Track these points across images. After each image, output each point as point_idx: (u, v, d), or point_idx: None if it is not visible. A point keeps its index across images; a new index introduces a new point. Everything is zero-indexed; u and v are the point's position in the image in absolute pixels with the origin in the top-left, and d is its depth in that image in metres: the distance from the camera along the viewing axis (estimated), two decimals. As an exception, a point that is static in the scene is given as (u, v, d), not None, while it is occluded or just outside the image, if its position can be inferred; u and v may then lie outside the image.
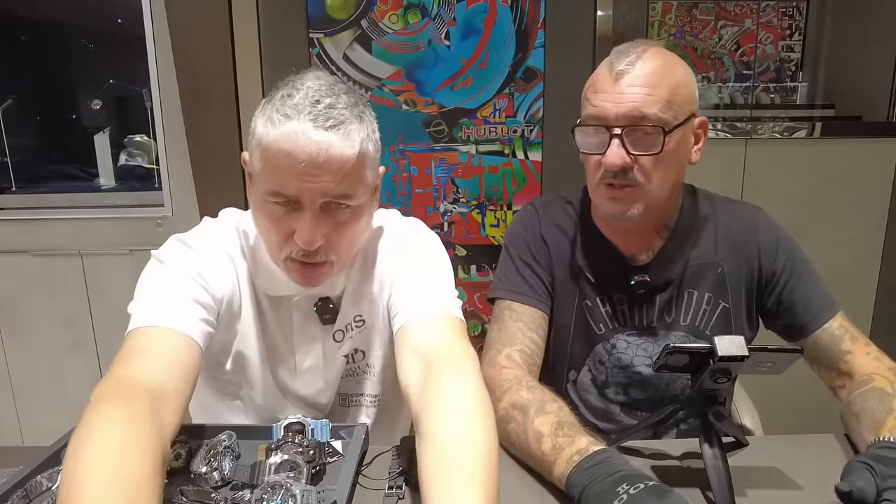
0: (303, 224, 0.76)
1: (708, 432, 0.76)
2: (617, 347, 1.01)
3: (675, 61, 0.90)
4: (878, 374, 0.86)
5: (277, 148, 0.74)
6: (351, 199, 0.78)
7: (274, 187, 0.76)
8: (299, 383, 0.94)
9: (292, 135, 0.73)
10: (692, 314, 1.00)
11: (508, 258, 1.04)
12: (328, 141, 0.73)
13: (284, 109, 0.74)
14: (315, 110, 0.73)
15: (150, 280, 0.80)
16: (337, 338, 0.93)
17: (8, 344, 2.21)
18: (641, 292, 0.98)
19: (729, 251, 1.00)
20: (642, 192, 0.90)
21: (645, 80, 0.85)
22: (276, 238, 0.80)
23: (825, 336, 0.94)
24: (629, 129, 0.86)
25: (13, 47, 2.35)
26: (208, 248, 0.86)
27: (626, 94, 0.86)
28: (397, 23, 1.92)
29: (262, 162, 0.77)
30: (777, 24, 2.28)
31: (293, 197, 0.76)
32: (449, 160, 2.01)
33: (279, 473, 0.71)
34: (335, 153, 0.74)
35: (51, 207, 2.17)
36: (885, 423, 0.75)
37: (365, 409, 0.99)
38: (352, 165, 0.76)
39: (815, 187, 2.02)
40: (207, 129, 1.94)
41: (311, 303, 0.91)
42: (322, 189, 0.75)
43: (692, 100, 0.90)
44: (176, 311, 0.75)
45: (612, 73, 0.87)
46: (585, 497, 0.66)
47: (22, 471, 0.74)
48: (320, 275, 0.83)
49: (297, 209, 0.77)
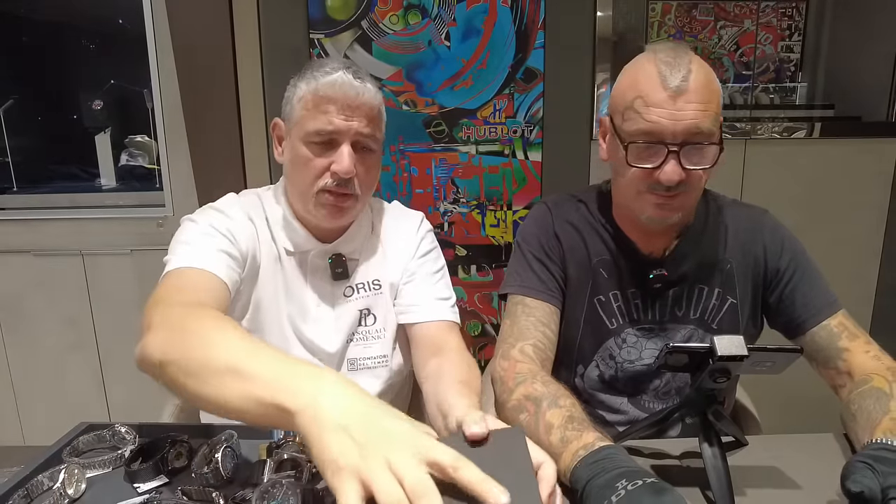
0: (342, 156, 0.92)
1: (707, 432, 0.76)
2: (627, 342, 1.03)
3: (711, 69, 0.90)
4: (877, 374, 0.86)
5: (324, 92, 0.91)
6: (375, 142, 0.96)
7: (318, 126, 0.92)
8: (310, 327, 1.01)
9: (337, 80, 0.91)
10: (701, 309, 1.02)
11: (521, 255, 1.06)
12: (363, 87, 0.92)
13: (325, 69, 0.92)
14: (350, 68, 0.93)
15: (184, 235, 0.93)
16: (347, 293, 1.03)
17: (9, 343, 2.21)
18: (657, 286, 1.00)
19: (737, 249, 1.02)
20: (686, 199, 0.93)
21: (700, 97, 0.86)
22: (312, 173, 0.94)
23: (823, 333, 0.95)
24: (685, 145, 0.87)
25: (14, 47, 2.35)
26: (233, 210, 0.98)
27: (684, 111, 0.85)
28: (397, 23, 1.92)
29: (307, 109, 0.93)
30: (776, 24, 2.28)
31: (332, 133, 0.92)
32: (449, 160, 2.01)
33: (280, 472, 0.72)
34: (367, 97, 0.93)
35: (52, 207, 2.18)
36: (881, 423, 0.75)
37: (372, 371, 1.05)
38: (376, 112, 0.95)
39: (814, 187, 2.03)
40: (208, 129, 1.95)
41: (325, 257, 1.01)
42: (356, 128, 0.92)
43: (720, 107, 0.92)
44: (208, 256, 0.88)
45: (666, 89, 0.86)
46: (587, 491, 0.67)
47: (23, 470, 0.75)
48: (346, 209, 0.97)
49: (333, 147, 0.93)
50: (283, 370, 0.56)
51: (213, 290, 0.85)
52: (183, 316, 0.70)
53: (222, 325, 0.67)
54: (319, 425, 0.49)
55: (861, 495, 0.64)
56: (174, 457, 0.78)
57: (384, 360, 1.05)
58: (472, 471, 0.47)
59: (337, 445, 0.48)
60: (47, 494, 0.73)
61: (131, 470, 0.76)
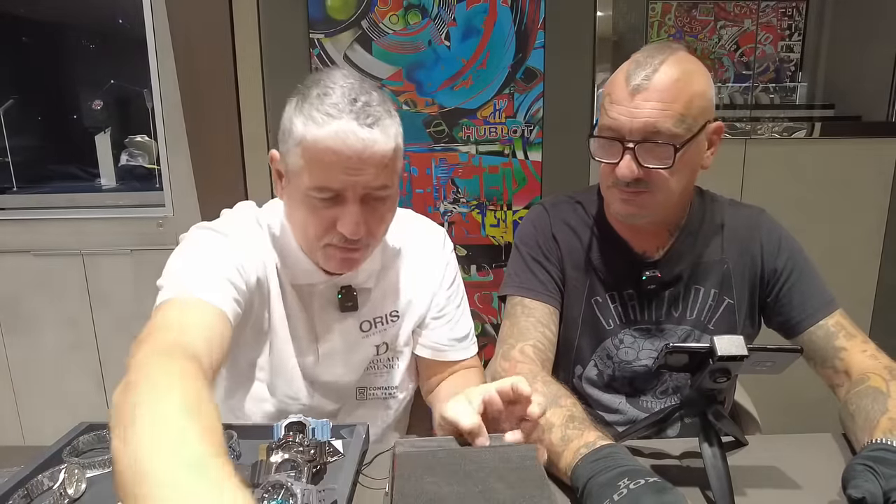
0: (349, 216, 0.81)
1: (707, 432, 0.76)
2: (624, 342, 1.03)
3: (694, 70, 0.89)
4: (874, 373, 0.86)
5: (325, 146, 0.77)
6: (388, 189, 0.84)
7: (320, 182, 0.79)
8: (321, 369, 0.96)
9: (340, 133, 0.77)
10: (698, 310, 1.02)
11: (519, 256, 1.06)
12: (372, 138, 0.78)
13: (325, 108, 0.77)
14: (355, 108, 0.78)
15: (183, 258, 0.82)
16: (364, 328, 0.97)
17: (9, 343, 2.21)
18: (651, 287, 1.00)
19: (734, 250, 1.02)
20: (652, 198, 0.92)
21: (660, 96, 0.85)
22: (317, 229, 0.84)
23: (820, 333, 0.95)
24: (642, 143, 0.87)
25: (14, 47, 2.35)
26: (238, 235, 0.88)
27: (641, 108, 0.86)
28: (397, 23, 1.92)
29: (306, 160, 0.80)
30: (776, 24, 2.28)
31: (338, 191, 0.80)
32: (449, 160, 2.01)
33: (280, 473, 0.72)
34: (378, 149, 0.79)
35: (52, 207, 2.18)
36: (880, 423, 0.75)
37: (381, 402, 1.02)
38: (389, 159, 0.81)
39: (814, 187, 2.03)
40: (208, 129, 1.94)
41: (334, 291, 0.94)
42: (364, 182, 0.80)
43: (708, 109, 0.90)
44: (210, 286, 0.77)
45: (628, 86, 0.87)
46: (588, 489, 0.67)
47: (23, 470, 0.75)
48: (357, 260, 0.88)
49: (339, 202, 0.81)
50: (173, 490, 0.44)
51: (205, 326, 0.72)
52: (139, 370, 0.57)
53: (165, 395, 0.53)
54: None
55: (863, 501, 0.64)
56: (174, 457, 0.78)
57: (394, 390, 1.02)
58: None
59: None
60: (47, 494, 0.73)
61: (131, 470, 0.76)
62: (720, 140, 0.95)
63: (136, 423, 0.49)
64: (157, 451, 0.47)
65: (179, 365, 0.59)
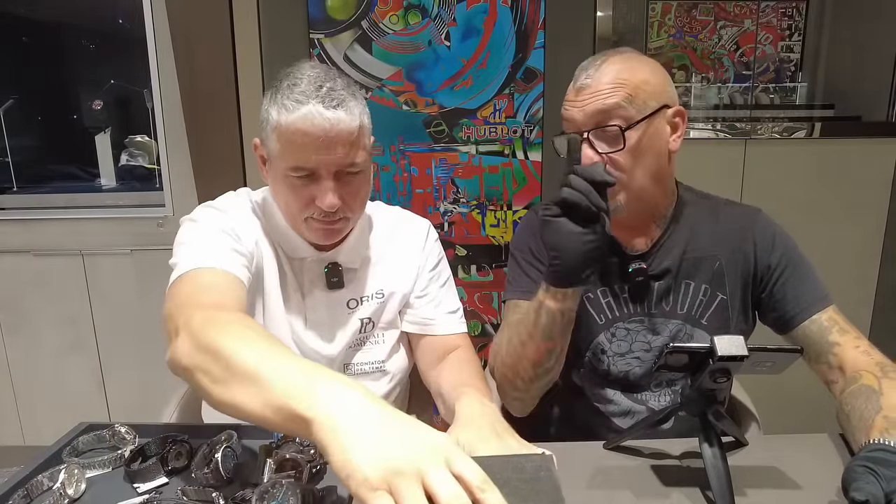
0: (323, 192, 0.89)
1: (707, 432, 0.76)
2: (617, 336, 1.04)
3: (637, 62, 0.95)
4: (867, 371, 0.86)
5: (295, 129, 0.86)
6: (357, 166, 0.91)
7: (294, 163, 0.88)
8: (307, 331, 1.02)
9: (308, 115, 0.85)
10: (689, 304, 1.03)
11: (515, 262, 1.10)
12: (337, 117, 0.86)
13: (295, 96, 0.86)
14: (321, 93, 0.86)
15: (189, 236, 0.90)
16: (351, 305, 1.03)
17: (9, 343, 2.21)
18: (639, 279, 1.01)
19: (727, 246, 1.03)
20: (621, 185, 0.94)
21: (604, 86, 0.93)
22: (297, 205, 0.92)
23: (813, 328, 0.96)
24: (594, 130, 0.93)
25: (14, 47, 2.35)
26: (235, 210, 0.97)
27: (586, 100, 0.94)
28: (398, 23, 1.92)
29: (281, 144, 0.89)
30: (776, 24, 2.28)
31: (312, 169, 0.88)
32: (449, 160, 2.01)
33: (279, 473, 0.72)
34: (344, 127, 0.87)
35: (52, 207, 2.18)
36: (875, 423, 0.75)
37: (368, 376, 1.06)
38: (356, 136, 0.89)
39: (814, 187, 2.03)
40: (208, 129, 1.95)
41: (322, 265, 1.01)
42: (335, 160, 0.88)
43: (660, 93, 0.94)
44: (220, 255, 0.86)
45: (574, 88, 0.96)
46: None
47: (23, 470, 0.75)
48: (338, 230, 0.96)
49: (314, 179, 0.90)
50: (300, 378, 0.54)
51: (232, 288, 0.82)
52: (205, 321, 0.68)
53: (243, 329, 0.66)
54: (340, 435, 0.47)
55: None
56: (174, 457, 0.79)
57: (380, 364, 1.06)
58: (496, 498, 0.45)
59: (362, 456, 0.45)
60: (47, 494, 0.73)
61: (131, 470, 0.76)
62: (685, 123, 0.98)
63: (262, 372, 0.56)
64: (301, 370, 0.55)
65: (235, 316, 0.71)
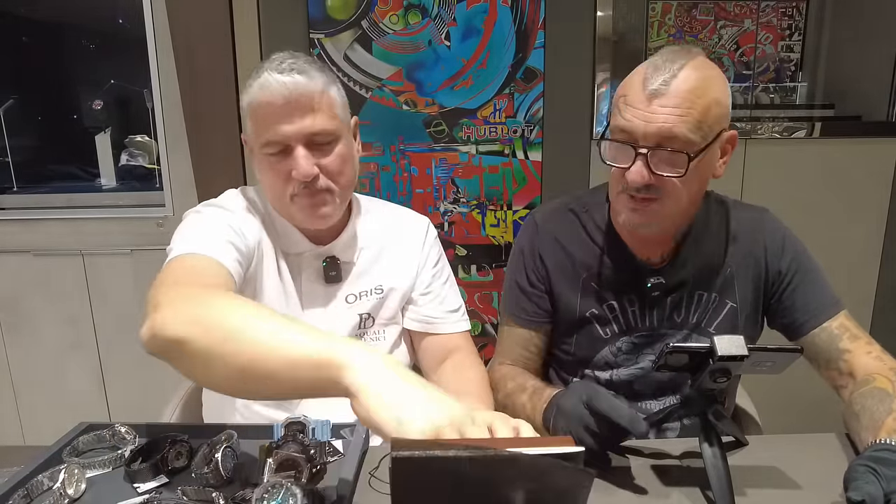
0: (296, 160, 0.89)
1: (708, 432, 0.76)
2: (623, 350, 1.02)
3: (713, 77, 0.86)
4: (880, 375, 0.86)
5: (257, 102, 0.88)
6: (329, 134, 0.91)
7: (266, 138, 0.89)
8: None
9: (264, 84, 0.87)
10: (698, 314, 1.01)
11: (509, 278, 1.11)
12: (293, 81, 0.86)
13: (255, 75, 0.89)
14: (281, 67, 0.87)
15: (189, 227, 0.91)
16: (350, 300, 1.03)
17: (9, 343, 2.21)
18: (656, 294, 0.99)
19: (737, 253, 1.01)
20: (661, 207, 0.89)
21: (678, 102, 0.83)
22: (278, 183, 0.92)
23: (823, 335, 0.95)
24: (655, 149, 0.85)
25: (14, 47, 2.35)
26: (237, 207, 0.97)
27: (657, 114, 0.83)
28: (398, 23, 1.92)
29: (252, 123, 0.91)
30: (776, 24, 2.28)
31: (281, 141, 0.89)
32: (449, 160, 2.01)
33: (280, 473, 0.72)
34: (303, 90, 0.87)
35: (52, 207, 2.18)
36: (885, 423, 0.75)
37: None
38: (319, 102, 0.89)
39: (814, 187, 2.03)
40: (208, 129, 1.94)
41: (319, 259, 1.01)
42: (302, 129, 0.88)
43: (724, 117, 0.88)
44: (215, 245, 0.85)
45: (645, 91, 0.84)
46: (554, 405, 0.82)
47: (23, 470, 0.75)
48: (323, 203, 0.94)
49: (288, 153, 0.90)
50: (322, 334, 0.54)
51: (221, 277, 0.81)
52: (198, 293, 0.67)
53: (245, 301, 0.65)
54: (380, 378, 0.47)
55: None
56: (174, 457, 0.78)
57: None
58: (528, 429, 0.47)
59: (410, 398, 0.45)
60: (47, 494, 0.73)
61: (131, 470, 0.76)
62: (733, 149, 0.93)
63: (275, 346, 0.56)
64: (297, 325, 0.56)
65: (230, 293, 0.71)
